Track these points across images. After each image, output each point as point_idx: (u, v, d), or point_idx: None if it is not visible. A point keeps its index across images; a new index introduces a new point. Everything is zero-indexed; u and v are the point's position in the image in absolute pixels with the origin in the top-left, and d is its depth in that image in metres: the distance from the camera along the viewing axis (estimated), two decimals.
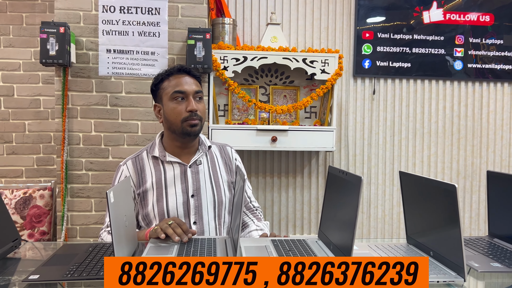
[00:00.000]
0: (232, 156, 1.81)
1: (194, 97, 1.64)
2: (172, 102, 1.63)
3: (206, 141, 1.75)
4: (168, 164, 1.67)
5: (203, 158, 1.72)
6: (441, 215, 1.19)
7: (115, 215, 1.11)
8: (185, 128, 1.61)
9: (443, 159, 3.24)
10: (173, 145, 1.69)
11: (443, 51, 3.18)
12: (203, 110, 1.67)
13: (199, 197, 1.66)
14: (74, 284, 1.10)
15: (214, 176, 1.71)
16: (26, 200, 2.59)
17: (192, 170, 1.68)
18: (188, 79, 1.66)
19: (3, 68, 2.87)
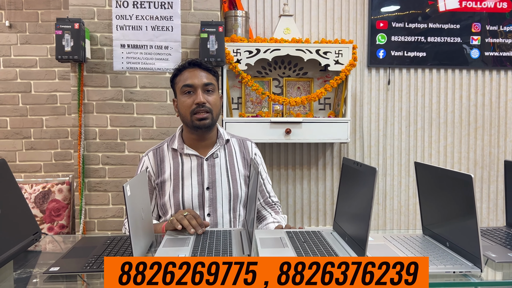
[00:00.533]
0: (251, 150, 1.81)
1: (203, 89, 1.65)
2: (183, 95, 1.66)
3: (224, 134, 1.76)
4: (186, 156, 1.70)
5: (221, 151, 1.74)
6: (457, 205, 1.18)
7: (131, 208, 1.13)
8: (194, 121, 1.64)
9: (459, 149, 3.20)
10: (190, 138, 1.72)
11: (459, 40, 3.13)
12: (213, 102, 1.67)
13: (214, 190, 1.67)
14: (93, 276, 1.12)
15: (231, 169, 1.72)
16: (45, 194, 2.64)
17: (208, 163, 1.70)
18: (199, 72, 1.67)
19: (20, 65, 2.92)
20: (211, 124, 1.67)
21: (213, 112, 1.67)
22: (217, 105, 1.70)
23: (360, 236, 1.16)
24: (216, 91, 1.71)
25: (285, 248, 1.25)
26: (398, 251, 1.24)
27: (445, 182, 1.23)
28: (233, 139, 1.81)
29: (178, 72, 1.70)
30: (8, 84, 2.93)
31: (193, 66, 1.69)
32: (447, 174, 1.22)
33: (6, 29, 2.90)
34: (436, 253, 1.21)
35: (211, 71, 1.71)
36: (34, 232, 1.38)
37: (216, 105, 1.69)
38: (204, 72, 1.68)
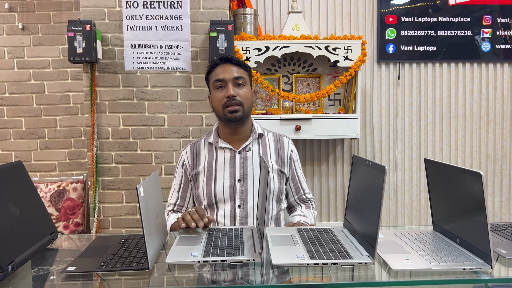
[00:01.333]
0: (287, 147, 1.84)
1: (233, 83, 1.70)
2: (215, 90, 1.73)
3: (258, 128, 1.81)
4: (220, 149, 1.77)
5: (254, 145, 1.79)
6: (467, 202, 1.18)
7: (145, 208, 1.15)
8: (226, 114, 1.69)
9: (471, 143, 3.18)
10: (225, 132, 1.78)
11: (470, 33, 3.10)
12: (244, 95, 1.71)
13: (245, 182, 1.72)
14: (109, 275, 1.15)
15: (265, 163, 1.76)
16: (60, 193, 2.69)
17: (241, 156, 1.75)
18: (229, 67, 1.72)
19: (33, 66, 2.97)
20: (243, 116, 1.71)
21: (244, 105, 1.71)
22: (248, 98, 1.74)
23: (370, 233, 1.17)
24: (247, 84, 1.75)
25: (296, 246, 1.27)
26: (408, 248, 1.25)
27: (455, 179, 1.24)
28: (269, 134, 1.85)
29: (211, 69, 1.77)
30: (22, 85, 2.98)
31: (224, 62, 1.74)
32: (457, 171, 1.22)
33: (19, 31, 2.95)
34: (447, 250, 1.22)
35: (242, 66, 1.76)
36: (51, 232, 1.42)
37: (247, 98, 1.73)
38: (235, 66, 1.73)
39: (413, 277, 1.08)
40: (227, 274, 1.15)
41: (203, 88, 2.67)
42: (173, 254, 1.22)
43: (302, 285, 1.08)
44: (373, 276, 1.11)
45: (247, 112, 1.73)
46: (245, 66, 1.77)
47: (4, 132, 3.00)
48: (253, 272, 1.15)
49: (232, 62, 1.74)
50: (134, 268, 1.14)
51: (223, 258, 1.18)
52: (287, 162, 1.82)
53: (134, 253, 1.26)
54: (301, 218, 1.75)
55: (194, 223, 1.45)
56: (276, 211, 1.77)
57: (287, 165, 1.82)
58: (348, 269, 1.13)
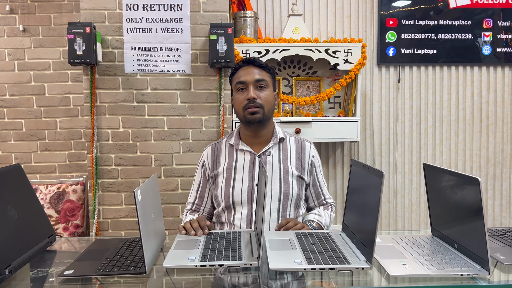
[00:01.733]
0: (308, 152, 1.82)
1: (255, 85, 1.70)
2: (237, 93, 1.74)
3: (279, 132, 1.79)
4: (241, 152, 1.77)
5: (275, 149, 1.77)
6: (465, 207, 1.18)
7: (142, 212, 1.15)
8: (246, 116, 1.69)
9: (471, 147, 3.17)
10: (246, 135, 1.78)
11: (471, 36, 3.10)
12: (265, 98, 1.70)
13: None
14: (106, 279, 1.15)
15: (284, 168, 1.74)
16: (60, 195, 2.69)
17: (260, 160, 1.74)
18: (252, 69, 1.72)
19: (34, 68, 2.97)
20: (263, 119, 1.70)
21: (265, 107, 1.70)
22: (270, 101, 1.73)
23: (368, 238, 1.17)
24: (269, 87, 1.74)
25: (293, 250, 1.27)
26: (406, 253, 1.24)
27: (453, 184, 1.24)
28: (291, 138, 1.83)
29: (234, 71, 1.78)
30: (23, 87, 2.98)
31: (247, 64, 1.75)
32: (455, 176, 1.22)
33: (19, 33, 2.95)
34: (444, 255, 1.21)
35: (265, 68, 1.75)
36: (49, 235, 1.42)
37: (268, 101, 1.72)
38: (257, 69, 1.73)
39: (411, 282, 1.08)
40: (224, 278, 1.15)
41: (203, 90, 2.67)
42: (170, 258, 1.22)
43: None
44: (370, 281, 1.11)
45: (268, 115, 1.72)
46: (268, 69, 1.76)
47: (4, 134, 3.01)
48: (250, 277, 1.15)
49: (255, 64, 1.74)
50: (131, 272, 1.14)
51: (220, 262, 1.18)
52: (308, 168, 1.80)
53: (132, 257, 1.26)
54: (315, 217, 1.75)
55: (194, 231, 1.46)
56: (294, 217, 1.76)
57: (308, 171, 1.80)
58: (346, 274, 1.13)
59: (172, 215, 2.73)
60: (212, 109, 2.69)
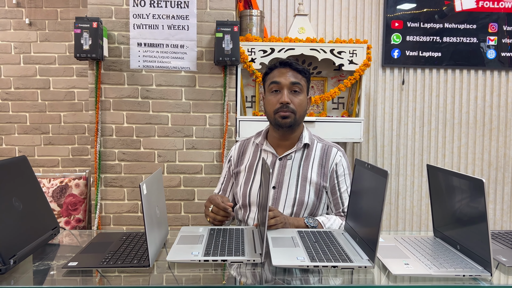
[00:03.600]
0: (332, 159, 1.74)
1: (289, 89, 1.67)
2: (269, 93, 1.71)
3: (305, 137, 1.75)
4: (265, 152, 1.77)
5: (298, 154, 1.74)
6: (468, 209, 1.18)
7: (147, 206, 1.16)
8: (277, 119, 1.67)
9: (474, 150, 3.18)
10: (273, 136, 1.77)
11: (476, 40, 3.10)
12: (298, 103, 1.67)
13: (279, 190, 1.69)
14: (110, 271, 1.16)
15: (303, 174, 1.70)
16: (63, 188, 2.70)
17: (280, 163, 1.72)
18: (288, 72, 1.69)
19: (39, 62, 2.98)
20: (293, 124, 1.68)
21: (297, 113, 1.67)
22: (302, 106, 1.70)
23: (371, 238, 1.17)
24: (303, 92, 1.71)
25: (296, 248, 1.27)
26: (408, 253, 1.25)
27: (457, 185, 1.24)
28: (319, 144, 1.78)
29: (269, 71, 1.75)
30: (28, 81, 2.99)
31: (284, 66, 1.71)
32: (459, 178, 1.22)
33: (26, 26, 2.96)
34: (447, 256, 1.22)
35: (301, 72, 1.71)
36: (53, 227, 1.43)
37: (301, 106, 1.69)
38: (293, 71, 1.70)
39: (412, 282, 1.09)
40: (227, 274, 1.15)
41: (207, 88, 2.67)
42: (174, 252, 1.23)
43: (302, 287, 1.09)
44: (372, 280, 1.11)
45: (299, 120, 1.69)
46: (304, 73, 1.72)
47: (8, 127, 3.02)
48: (253, 273, 1.15)
49: (292, 67, 1.70)
50: (135, 265, 1.15)
51: (223, 258, 1.19)
52: (329, 174, 1.73)
53: (135, 250, 1.26)
54: (321, 218, 1.65)
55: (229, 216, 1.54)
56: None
57: (329, 177, 1.73)
58: (348, 272, 1.14)
59: (174, 211, 2.74)
60: (216, 107, 2.70)
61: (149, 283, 1.11)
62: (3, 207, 1.16)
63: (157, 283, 1.12)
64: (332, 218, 1.67)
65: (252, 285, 1.10)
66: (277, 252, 1.23)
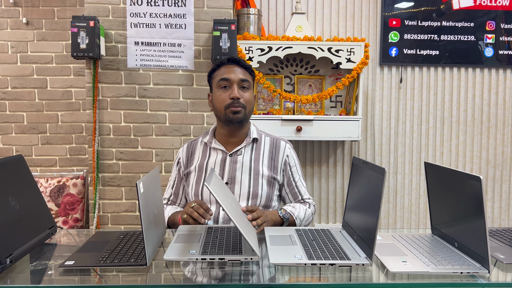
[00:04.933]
0: (282, 152, 1.79)
1: (239, 85, 1.70)
2: (218, 90, 1.72)
3: (253, 132, 1.78)
4: (214, 150, 1.77)
5: (247, 149, 1.76)
6: (466, 206, 1.18)
7: (144, 204, 1.16)
8: (228, 114, 1.68)
9: (472, 148, 3.18)
10: (221, 133, 1.77)
11: (473, 38, 3.10)
12: (247, 99, 1.71)
13: (232, 186, 1.71)
14: (107, 270, 1.15)
15: (255, 168, 1.73)
16: (60, 188, 2.69)
17: (231, 159, 1.74)
18: (236, 69, 1.72)
19: (36, 61, 2.97)
20: (243, 119, 1.70)
21: (247, 108, 1.71)
22: (251, 102, 1.74)
23: (369, 235, 1.17)
24: (251, 88, 1.75)
25: (294, 246, 1.27)
26: (406, 250, 1.25)
27: (455, 182, 1.24)
28: (267, 138, 1.82)
29: (216, 68, 1.76)
30: (25, 80, 2.98)
31: (231, 63, 1.74)
32: (457, 175, 1.22)
33: (23, 26, 2.95)
34: (444, 253, 1.22)
35: (248, 69, 1.76)
36: (50, 226, 1.42)
37: (250, 102, 1.73)
38: (241, 69, 1.73)
39: (410, 279, 1.09)
40: (225, 272, 1.15)
41: (205, 86, 2.67)
42: (171, 251, 1.23)
43: (299, 285, 1.09)
44: (370, 277, 1.11)
45: (248, 116, 1.73)
46: (251, 70, 1.77)
47: (5, 126, 3.01)
48: (250, 271, 1.15)
49: (239, 64, 1.74)
50: (132, 264, 1.15)
51: (221, 256, 1.18)
52: (281, 167, 1.78)
53: (133, 249, 1.26)
54: (288, 207, 1.71)
55: (203, 218, 1.48)
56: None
57: (281, 171, 1.78)
58: (346, 270, 1.14)
59: None
60: None
61: (146, 282, 1.11)
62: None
63: (155, 282, 1.11)
64: (297, 206, 1.75)
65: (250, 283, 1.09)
66: (275, 251, 1.23)
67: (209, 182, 1.19)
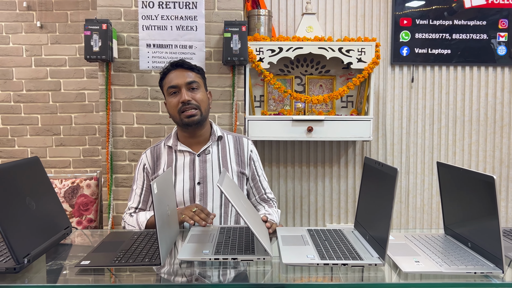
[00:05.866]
0: (246, 147, 1.86)
1: (187, 88, 1.72)
2: (169, 96, 1.75)
3: (217, 131, 1.83)
4: (180, 153, 1.79)
5: (213, 147, 1.81)
6: (479, 206, 1.18)
7: (158, 204, 1.17)
8: (183, 119, 1.72)
9: (484, 148, 3.15)
10: (183, 136, 1.81)
11: (486, 36, 3.07)
12: (199, 99, 1.73)
13: (205, 185, 1.75)
14: (122, 270, 1.17)
15: (224, 165, 1.79)
16: (74, 189, 2.73)
17: (200, 159, 1.77)
18: (182, 72, 1.74)
19: (50, 64, 3.02)
20: (200, 120, 1.73)
21: (201, 108, 1.73)
22: (205, 101, 1.76)
23: (381, 235, 1.17)
24: (201, 87, 1.77)
25: (306, 246, 1.28)
26: (419, 250, 1.25)
27: (468, 182, 1.24)
28: (229, 136, 1.88)
29: (163, 75, 1.78)
30: (39, 83, 3.03)
31: (176, 67, 1.76)
32: (470, 175, 1.22)
33: (37, 29, 3.00)
34: (458, 253, 1.21)
35: (195, 69, 1.78)
36: (66, 226, 1.45)
37: (204, 101, 1.76)
38: (187, 71, 1.75)
39: (423, 279, 1.09)
40: (238, 272, 1.16)
41: (216, 88, 2.68)
42: (184, 250, 1.24)
43: (312, 284, 1.09)
44: (383, 277, 1.11)
45: (205, 115, 1.76)
46: (198, 70, 1.79)
47: (20, 129, 3.06)
48: (263, 271, 1.16)
49: (184, 67, 1.75)
50: (146, 264, 1.16)
51: (233, 256, 1.19)
52: (247, 162, 1.84)
53: (147, 249, 1.28)
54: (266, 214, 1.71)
55: (204, 221, 1.50)
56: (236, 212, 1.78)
57: (247, 165, 1.84)
58: (358, 270, 1.14)
59: None
60: (225, 107, 2.71)
61: (161, 281, 1.12)
62: (17, 206, 1.18)
63: (169, 281, 1.13)
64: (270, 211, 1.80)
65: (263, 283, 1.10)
66: (287, 251, 1.24)
67: (221, 182, 1.20)
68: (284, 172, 3.12)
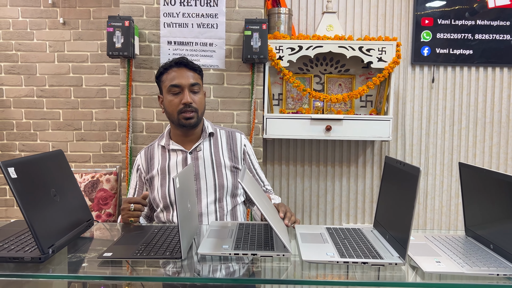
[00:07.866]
0: (239, 142, 1.88)
1: (190, 89, 1.73)
2: (169, 95, 1.74)
3: (208, 127, 1.84)
4: (173, 151, 1.81)
5: (205, 144, 1.82)
6: (502, 207, 1.16)
7: (180, 199, 1.19)
8: (181, 120, 1.73)
9: (506, 150, 3.10)
10: (176, 134, 1.82)
11: (509, 37, 3.02)
12: (199, 102, 1.75)
13: (198, 181, 1.76)
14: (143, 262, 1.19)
15: (216, 161, 1.80)
16: (94, 183, 2.77)
17: (192, 156, 1.79)
18: (185, 72, 1.73)
19: (73, 60, 3.07)
20: (197, 122, 1.76)
21: (199, 111, 1.75)
22: (203, 104, 1.79)
23: (402, 235, 1.17)
24: (201, 90, 1.78)
25: (325, 244, 1.28)
26: (440, 251, 1.24)
27: (491, 183, 1.22)
28: (222, 131, 1.89)
29: (164, 71, 1.77)
30: (62, 78, 3.08)
31: (179, 66, 1.75)
32: (493, 176, 1.21)
33: (60, 26, 3.05)
34: (480, 255, 1.20)
35: (197, 70, 1.78)
36: (88, 219, 1.48)
37: (202, 104, 1.78)
38: (190, 71, 1.75)
39: (442, 279, 1.08)
40: (257, 267, 1.17)
41: (235, 86, 2.70)
42: (205, 245, 1.26)
43: (332, 282, 1.09)
44: (403, 277, 1.11)
45: (201, 117, 1.78)
46: (199, 71, 1.79)
47: (43, 123, 3.12)
48: (282, 267, 1.17)
49: (188, 67, 1.75)
50: (167, 257, 1.18)
51: (253, 251, 1.20)
52: (241, 156, 1.86)
53: (168, 243, 1.29)
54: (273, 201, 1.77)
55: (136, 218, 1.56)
56: (232, 206, 1.80)
57: (241, 160, 1.85)
58: (377, 269, 1.14)
59: None
60: (244, 104, 2.72)
61: (181, 274, 1.14)
62: (43, 197, 1.21)
63: (190, 274, 1.14)
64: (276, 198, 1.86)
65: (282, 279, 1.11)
66: (307, 248, 1.24)
67: (242, 178, 1.21)
68: (301, 171, 3.12)
